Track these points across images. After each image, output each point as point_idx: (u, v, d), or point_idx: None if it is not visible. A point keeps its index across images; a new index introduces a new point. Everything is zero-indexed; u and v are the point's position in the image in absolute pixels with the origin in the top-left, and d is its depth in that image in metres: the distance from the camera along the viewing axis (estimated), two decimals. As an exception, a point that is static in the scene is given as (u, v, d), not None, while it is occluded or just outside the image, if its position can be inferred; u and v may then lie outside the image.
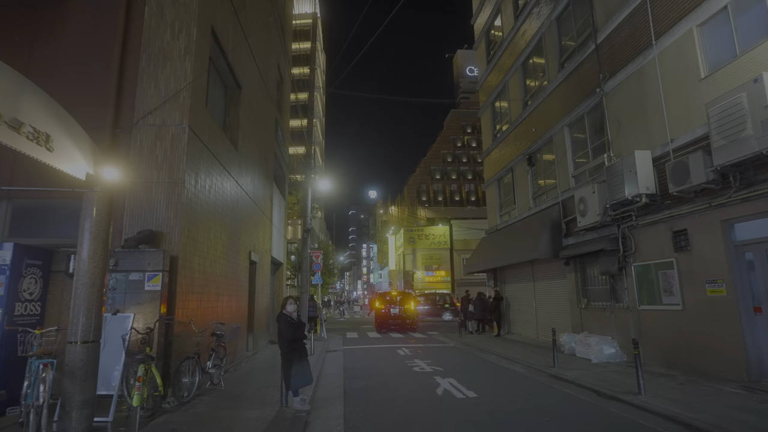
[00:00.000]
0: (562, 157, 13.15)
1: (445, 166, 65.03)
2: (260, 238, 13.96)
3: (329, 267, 42.63)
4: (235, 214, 10.59)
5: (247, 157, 11.88)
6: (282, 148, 18.75)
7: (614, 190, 9.78)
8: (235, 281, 10.50)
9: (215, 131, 8.97)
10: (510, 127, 17.08)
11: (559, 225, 13.02)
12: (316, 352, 13.26)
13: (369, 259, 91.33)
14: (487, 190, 19.89)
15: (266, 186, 15.09)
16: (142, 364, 5.11)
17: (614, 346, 10.29)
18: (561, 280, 13.55)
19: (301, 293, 15.64)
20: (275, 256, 17.27)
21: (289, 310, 6.71)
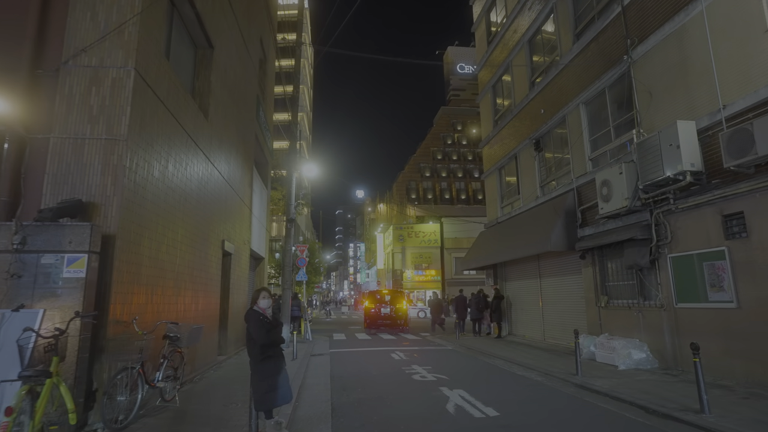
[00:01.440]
0: (578, 138, 11.77)
1: (435, 164, 63.73)
2: (237, 228, 12.32)
3: (315, 265, 40.91)
4: (204, 195, 8.97)
5: (221, 132, 10.25)
6: (265, 132, 17.11)
7: (648, 168, 8.40)
8: (203, 274, 8.88)
9: (177, 90, 7.35)
10: (514, 110, 15.69)
11: (574, 214, 11.63)
12: (300, 357, 11.68)
13: (356, 258, 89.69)
14: (487, 180, 18.48)
15: (245, 170, 13.46)
16: (27, 384, 3.50)
17: (644, 350, 8.91)
18: (574, 275, 12.16)
19: (284, 290, 14.03)
20: (255, 250, 15.62)
21: (262, 306, 5.14)
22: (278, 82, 23.59)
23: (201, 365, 8.89)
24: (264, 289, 5.20)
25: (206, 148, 9.06)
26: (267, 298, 5.19)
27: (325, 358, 11.79)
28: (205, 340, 9.16)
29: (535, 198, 14.06)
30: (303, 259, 17.43)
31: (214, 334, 9.78)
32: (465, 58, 76.79)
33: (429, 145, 66.44)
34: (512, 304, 16.34)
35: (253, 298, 5.12)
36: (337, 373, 9.40)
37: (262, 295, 5.12)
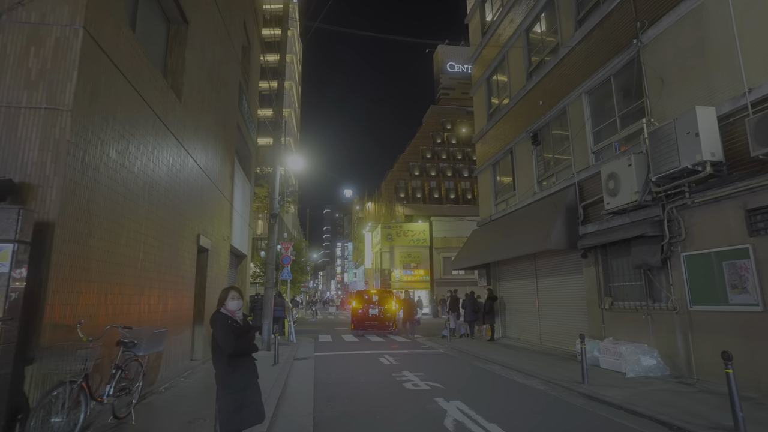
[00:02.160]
0: (579, 130, 11.11)
1: (424, 162, 63.12)
2: (216, 222, 11.44)
3: (301, 264, 39.97)
4: (176, 185, 8.10)
5: (197, 116, 9.37)
6: (248, 123, 16.21)
7: (662, 159, 7.74)
8: (173, 271, 8.00)
9: (142, 63, 6.48)
10: (510, 103, 15.02)
11: (575, 210, 10.97)
12: (282, 361, 10.84)
13: (344, 258, 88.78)
14: (480, 176, 17.80)
15: (226, 161, 12.56)
16: None
17: (654, 356, 8.26)
18: (574, 275, 11.51)
19: (266, 289, 13.18)
20: (237, 246, 14.72)
21: (230, 308, 4.35)
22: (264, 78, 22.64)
23: (171, 372, 8.01)
24: (233, 288, 4.40)
25: (179, 132, 8.18)
26: (237, 299, 4.39)
27: (309, 363, 10.97)
28: (177, 344, 8.29)
29: (533, 194, 13.40)
30: (288, 257, 16.57)
31: (187, 338, 8.90)
32: (455, 57, 76.33)
33: (418, 143, 65.82)
34: (506, 305, 15.67)
35: (220, 298, 4.33)
36: (322, 380, 8.60)
37: (231, 295, 4.32)
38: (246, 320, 4.42)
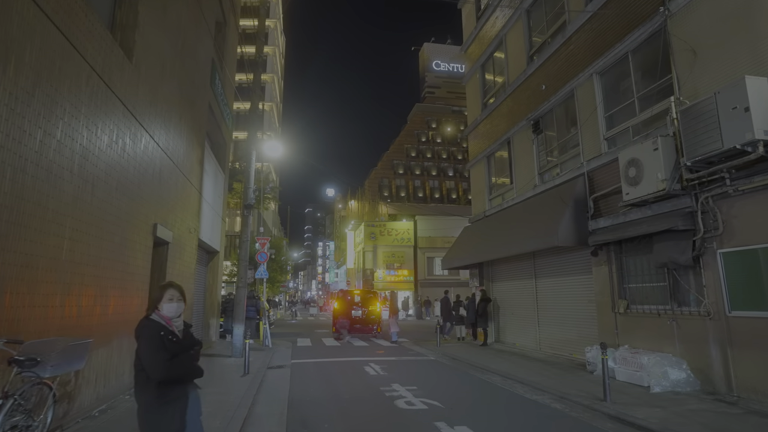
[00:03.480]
0: (589, 115, 10.04)
1: (409, 161, 62.10)
2: (179, 212, 10.01)
3: (281, 263, 38.36)
4: (124, 162, 6.69)
5: (155, 85, 7.96)
6: (222, 107, 14.76)
7: (698, 141, 6.67)
8: (118, 266, 6.58)
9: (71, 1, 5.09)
10: (508, 89, 13.91)
11: (584, 203, 9.88)
12: (254, 370, 9.49)
13: (325, 257, 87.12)
14: (473, 170, 16.67)
15: (194, 144, 11.13)
16: None
17: (683, 368, 7.18)
18: (581, 275, 10.44)
19: (238, 288, 11.79)
20: (207, 241, 13.27)
21: (165, 314, 3.03)
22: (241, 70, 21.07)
23: (113, 390, 6.59)
24: (171, 286, 3.08)
25: (129, 99, 6.77)
26: (176, 301, 3.06)
27: (285, 373, 9.63)
28: (122, 353, 6.86)
29: (533, 187, 12.30)
30: (264, 254, 15.15)
31: (121, 351, 7.47)
32: (441, 56, 75.50)
33: (403, 142, 64.74)
34: (500, 307, 14.57)
35: (152, 299, 3.02)
36: (298, 397, 7.28)
37: (168, 295, 3.02)
38: (188, 332, 3.11)
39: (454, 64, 75.19)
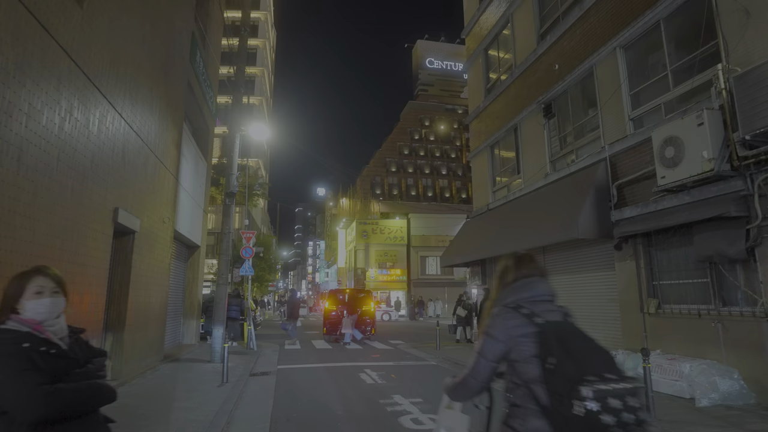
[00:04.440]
0: (612, 94, 9.02)
1: (402, 159, 61.10)
2: (150, 198, 8.82)
3: (270, 262, 37.05)
4: (72, 130, 5.51)
5: (116, 43, 6.77)
6: (205, 89, 13.55)
7: (758, 112, 5.67)
8: (64, 256, 5.39)
9: None
10: (515, 72, 12.88)
11: (606, 191, 8.86)
12: (234, 377, 8.33)
13: (315, 257, 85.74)
14: (475, 160, 15.62)
15: (170, 123, 9.93)
16: None
17: (735, 378, 6.15)
18: (600, 272, 9.42)
19: (218, 286, 10.61)
20: (185, 234, 12.07)
21: (30, 316, 1.81)
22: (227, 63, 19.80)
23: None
24: (39, 272, 1.87)
25: (79, 54, 5.58)
26: (49, 295, 1.84)
27: (269, 381, 8.48)
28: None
29: (545, 176, 11.26)
30: (249, 249, 13.95)
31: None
32: (434, 53, 74.66)
33: (395, 139, 63.75)
34: (504, 307, 13.50)
35: (6, 296, 1.83)
36: (283, 413, 6.13)
37: (34, 287, 1.83)
38: (79, 340, 1.97)
39: (448, 62, 74.50)
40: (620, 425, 1.54)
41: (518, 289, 1.98)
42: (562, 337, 1.76)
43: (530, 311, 1.86)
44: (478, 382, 1.95)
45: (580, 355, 1.70)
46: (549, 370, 1.69)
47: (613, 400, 1.56)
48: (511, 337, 1.83)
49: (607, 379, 1.62)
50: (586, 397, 1.56)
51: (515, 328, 1.83)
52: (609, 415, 1.54)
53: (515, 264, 2.07)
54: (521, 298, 1.94)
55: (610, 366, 1.68)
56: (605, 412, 1.54)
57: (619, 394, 1.58)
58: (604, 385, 1.59)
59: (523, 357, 1.79)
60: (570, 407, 1.60)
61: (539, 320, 1.82)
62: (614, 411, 1.55)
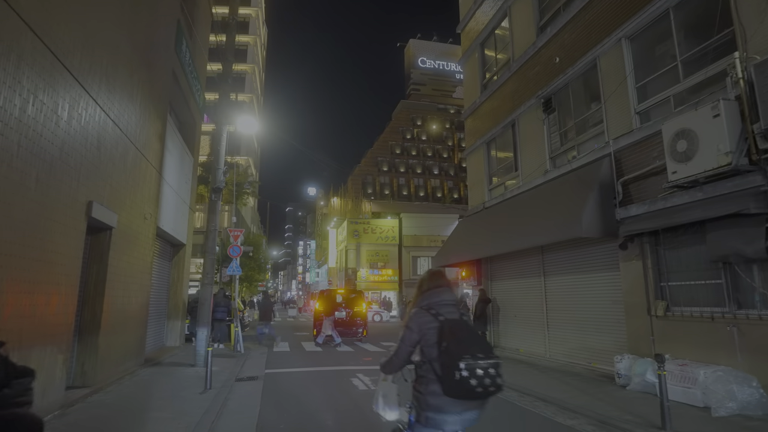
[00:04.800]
0: (617, 87, 8.65)
1: (393, 158, 60.70)
2: (129, 191, 8.27)
3: (259, 262, 36.37)
4: (32, 114, 4.98)
5: (91, 26, 6.23)
6: (191, 81, 12.99)
7: (781, 101, 5.29)
8: (28, 252, 4.86)
9: None
10: (512, 66, 12.50)
11: (610, 188, 8.49)
12: (219, 382, 7.82)
13: (306, 257, 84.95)
14: (470, 158, 15.23)
15: (150, 112, 9.38)
16: None
17: (754, 386, 5.79)
18: (602, 272, 9.05)
19: (203, 285, 10.09)
20: (169, 231, 11.52)
21: None
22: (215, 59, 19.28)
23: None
24: None
25: (42, 28, 5.04)
26: None
27: (256, 387, 7.98)
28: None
29: (543, 173, 10.89)
30: (237, 247, 13.41)
31: (56, 359, 5.71)
32: (427, 53, 74.33)
33: (387, 138, 63.32)
34: (500, 309, 13.14)
35: None
36: (271, 423, 5.65)
37: None
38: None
39: (440, 62, 74.26)
40: (481, 386, 2.40)
41: (430, 296, 2.77)
42: (454, 330, 2.55)
43: (436, 311, 2.65)
44: (400, 360, 2.74)
45: (464, 341, 2.50)
46: (442, 351, 2.49)
47: (479, 371, 2.40)
48: (422, 329, 2.62)
49: (478, 357, 2.44)
50: (461, 368, 2.39)
51: (425, 323, 2.62)
52: (474, 380, 2.39)
53: (429, 277, 2.88)
54: (431, 302, 2.72)
55: (483, 349, 2.50)
56: (472, 378, 2.39)
57: (483, 367, 2.42)
58: (474, 361, 2.42)
59: (428, 343, 2.58)
60: (452, 375, 2.41)
61: (441, 318, 2.61)
62: (478, 377, 2.39)
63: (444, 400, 2.52)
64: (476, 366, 2.42)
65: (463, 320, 2.67)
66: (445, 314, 2.64)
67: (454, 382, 2.42)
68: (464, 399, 2.49)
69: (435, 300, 2.72)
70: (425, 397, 2.59)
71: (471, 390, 2.41)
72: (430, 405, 2.57)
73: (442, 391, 2.50)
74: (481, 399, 2.52)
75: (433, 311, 2.65)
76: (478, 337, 2.61)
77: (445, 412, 2.55)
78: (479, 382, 2.41)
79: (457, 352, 2.46)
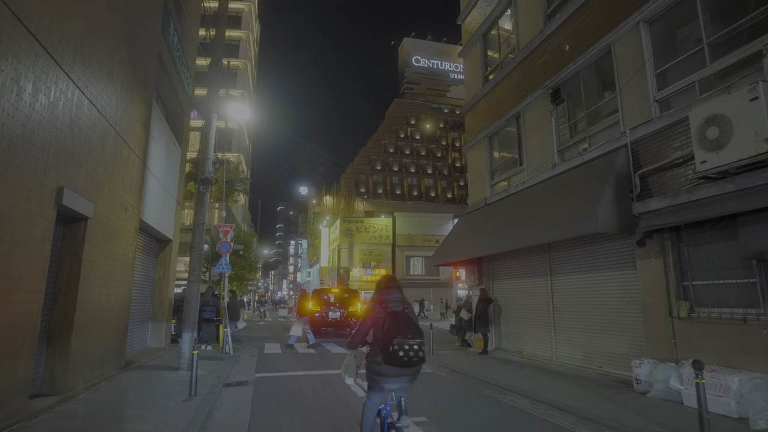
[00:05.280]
0: (634, 74, 8.13)
1: (387, 157, 60.08)
2: (108, 179, 7.59)
3: (250, 261, 35.59)
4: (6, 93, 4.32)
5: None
6: (179, 67, 12.29)
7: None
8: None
9: None
10: (518, 56, 11.96)
11: (627, 181, 7.96)
12: (205, 388, 7.16)
13: (297, 256, 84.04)
14: (471, 152, 14.67)
15: (135, 96, 8.70)
16: None
17: (796, 395, 5.27)
18: (618, 270, 8.53)
19: (189, 283, 9.41)
20: (154, 225, 10.83)
21: None
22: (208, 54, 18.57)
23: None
24: None
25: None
26: None
27: (245, 394, 7.33)
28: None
29: (551, 166, 10.35)
30: (226, 243, 12.73)
31: (15, 364, 5.02)
32: (421, 51, 73.78)
33: (381, 137, 62.66)
34: (502, 309, 12.60)
35: None
36: (261, 438, 5.02)
37: None
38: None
39: (434, 61, 73.82)
40: (407, 357, 3.47)
41: (383, 294, 3.87)
42: (395, 318, 3.64)
43: (386, 305, 3.75)
44: (358, 339, 3.80)
45: (400, 326, 3.58)
46: (384, 332, 3.59)
47: (406, 346, 3.48)
48: (375, 318, 3.72)
49: (407, 337, 3.52)
50: (395, 344, 3.49)
51: (377, 313, 3.72)
52: (402, 352, 3.47)
53: (385, 280, 4.03)
54: (384, 298, 3.82)
55: (413, 333, 3.56)
56: (400, 350, 3.47)
57: (410, 344, 3.50)
58: (404, 339, 3.51)
59: (377, 327, 3.68)
60: (388, 348, 3.51)
61: (388, 310, 3.70)
62: (405, 350, 3.48)
63: (384, 367, 3.61)
64: (404, 343, 3.51)
65: (404, 312, 3.74)
66: (392, 307, 3.75)
67: (389, 353, 3.52)
68: (396, 366, 3.55)
69: (386, 297, 3.84)
70: (373, 365, 3.71)
71: (400, 359, 3.50)
72: (375, 370, 3.69)
73: (383, 360, 3.59)
74: (408, 367, 3.58)
75: (384, 305, 3.77)
76: (412, 324, 3.65)
77: (385, 375, 3.65)
78: (405, 354, 3.49)
79: (394, 332, 3.55)
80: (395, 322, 3.59)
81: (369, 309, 3.80)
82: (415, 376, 3.71)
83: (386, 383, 3.68)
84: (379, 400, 3.85)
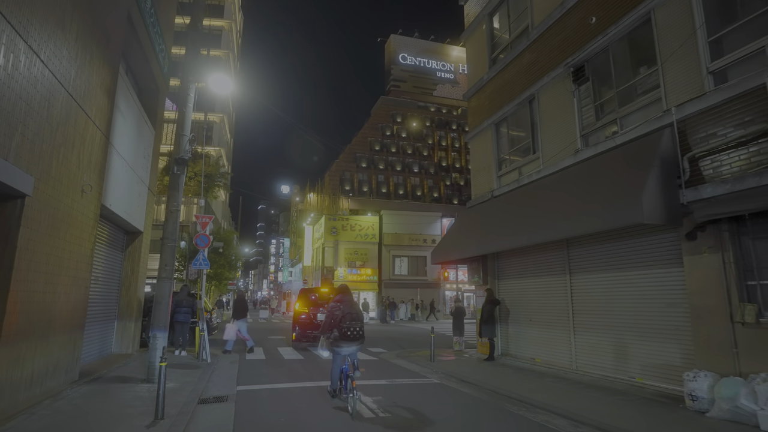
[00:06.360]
0: (681, 43, 7.09)
1: (372, 155, 58.88)
2: (55, 150, 6.18)
3: (230, 259, 33.95)
4: None
5: None
6: (153, 37, 10.84)
7: None
8: None
9: None
10: (531, 34, 10.88)
11: (671, 166, 6.91)
12: (173, 410, 5.81)
13: (279, 255, 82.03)
14: (475, 141, 13.54)
15: (95, 57, 7.29)
16: None
17: None
18: (658, 268, 7.47)
19: (160, 280, 8.02)
20: (120, 214, 9.39)
21: None
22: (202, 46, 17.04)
23: None
24: None
25: None
26: None
27: (225, 413, 6.01)
28: None
29: (574, 152, 9.28)
30: (205, 236, 11.32)
31: None
32: (408, 49, 72.79)
33: (366, 134, 61.48)
34: (510, 311, 11.50)
35: None
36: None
37: None
38: None
39: (421, 59, 72.94)
40: (352, 335, 6.35)
41: (341, 297, 6.64)
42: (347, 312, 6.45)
43: (342, 304, 6.52)
44: (329, 327, 6.47)
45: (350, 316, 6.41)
46: (341, 320, 6.37)
47: (351, 327, 6.36)
48: (342, 311, 6.43)
49: (353, 323, 6.40)
50: (344, 326, 6.34)
51: (338, 308, 6.46)
52: (349, 332, 6.33)
53: (340, 289, 6.83)
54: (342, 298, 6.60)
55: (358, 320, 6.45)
56: (348, 330, 6.34)
57: (354, 327, 6.39)
58: (351, 323, 6.38)
59: (337, 318, 6.40)
60: (342, 329, 6.34)
61: (343, 306, 6.49)
62: (351, 330, 6.35)
63: (341, 341, 6.32)
64: (351, 326, 6.31)
65: (354, 309, 6.52)
66: (346, 304, 6.49)
67: (342, 332, 6.29)
68: (346, 340, 6.29)
69: (343, 299, 6.57)
70: (335, 340, 6.38)
71: (348, 336, 6.28)
72: (337, 343, 6.36)
73: (339, 336, 6.31)
74: (354, 340, 6.35)
75: (341, 304, 6.49)
76: (358, 315, 6.48)
77: (340, 346, 6.35)
78: (352, 333, 6.30)
79: (347, 320, 6.33)
80: (347, 314, 6.38)
81: (333, 306, 6.53)
82: (360, 346, 6.53)
83: (342, 350, 6.38)
84: (341, 362, 6.51)
